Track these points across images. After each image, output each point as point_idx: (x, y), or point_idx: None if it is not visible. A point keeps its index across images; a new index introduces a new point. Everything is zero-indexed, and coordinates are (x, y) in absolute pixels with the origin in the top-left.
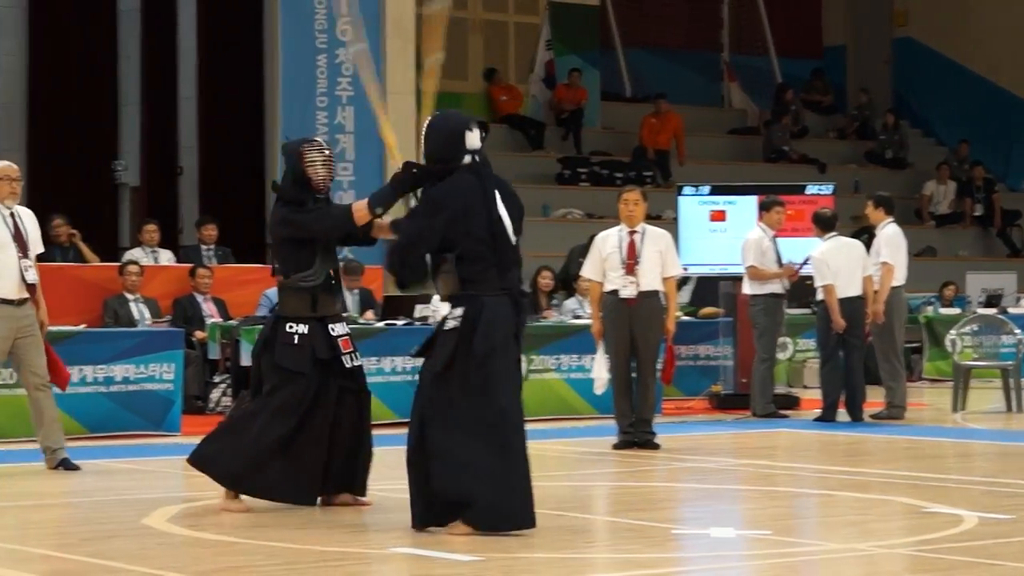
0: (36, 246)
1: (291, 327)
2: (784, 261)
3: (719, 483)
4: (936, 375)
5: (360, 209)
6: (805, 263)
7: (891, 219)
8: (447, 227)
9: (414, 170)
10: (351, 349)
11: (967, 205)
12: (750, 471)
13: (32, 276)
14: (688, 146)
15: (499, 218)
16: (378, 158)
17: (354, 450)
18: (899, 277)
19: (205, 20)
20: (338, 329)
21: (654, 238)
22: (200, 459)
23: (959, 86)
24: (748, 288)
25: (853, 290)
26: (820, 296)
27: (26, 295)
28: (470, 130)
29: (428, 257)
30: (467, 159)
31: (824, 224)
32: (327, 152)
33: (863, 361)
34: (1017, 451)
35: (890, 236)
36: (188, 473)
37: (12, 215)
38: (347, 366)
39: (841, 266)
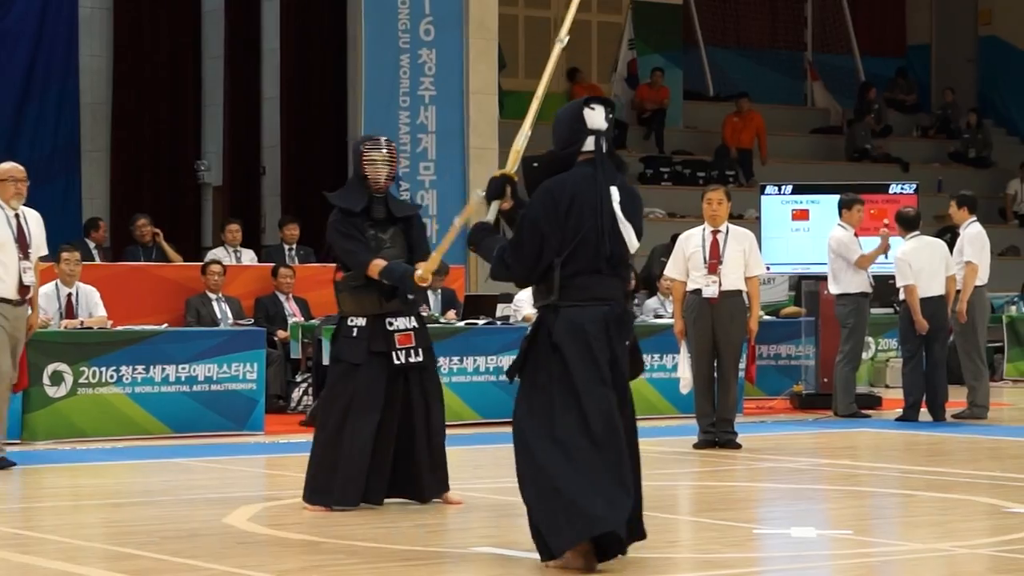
0: (39, 249)
1: (351, 321)
2: None
3: (800, 483)
4: (1018, 375)
5: (374, 267)
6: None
7: (974, 218)
8: (556, 223)
9: (535, 164)
10: (410, 345)
11: None
12: (831, 471)
13: (29, 278)
14: (770, 145)
15: (610, 218)
16: (459, 157)
17: (411, 451)
18: (982, 276)
19: (288, 20)
20: (398, 324)
21: (737, 237)
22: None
23: None
24: (835, 287)
25: (935, 290)
26: (902, 296)
27: (26, 296)
28: (590, 108)
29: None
30: (590, 143)
31: (907, 223)
32: (385, 151)
33: (946, 361)
34: None
35: (974, 236)
36: (271, 472)
37: (17, 216)
38: (396, 362)
39: (923, 266)
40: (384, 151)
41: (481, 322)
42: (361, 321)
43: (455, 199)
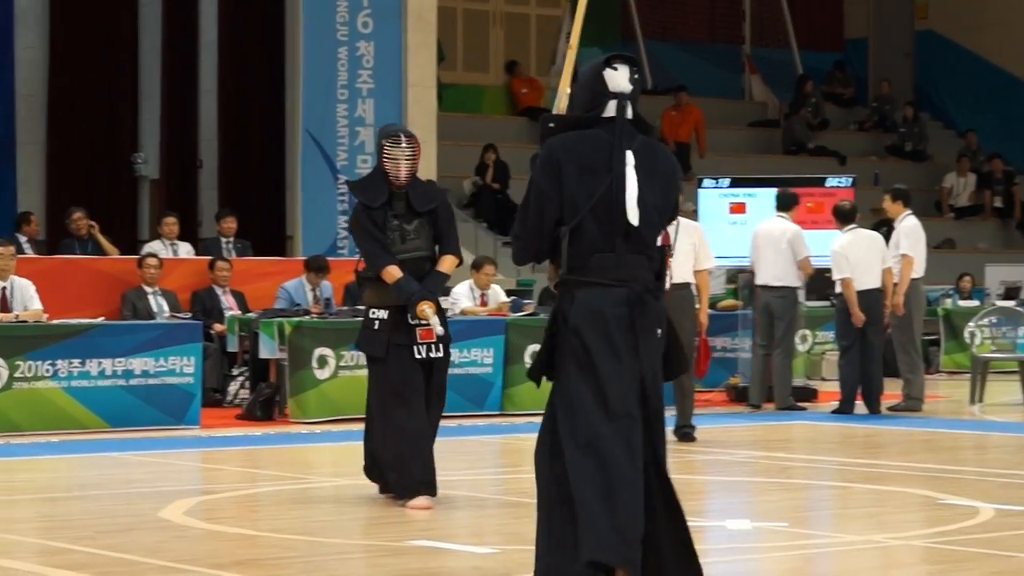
0: None
1: (373, 313)
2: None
3: (736, 475)
4: (954, 367)
5: (388, 275)
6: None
7: (909, 212)
8: (562, 187)
9: (551, 124)
10: (431, 340)
11: (986, 197)
12: (767, 463)
13: None
14: (708, 138)
15: (621, 187)
16: None
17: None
18: (918, 269)
19: (225, 13)
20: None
21: (687, 230)
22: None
23: (980, 79)
24: (775, 280)
25: (872, 282)
26: (839, 289)
27: None
28: (613, 68)
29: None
30: (611, 108)
31: (843, 217)
32: (404, 146)
33: (882, 353)
34: None
35: (910, 228)
36: (207, 466)
37: None
38: (417, 356)
39: (860, 259)
40: (405, 146)
41: None
42: (383, 313)
43: None
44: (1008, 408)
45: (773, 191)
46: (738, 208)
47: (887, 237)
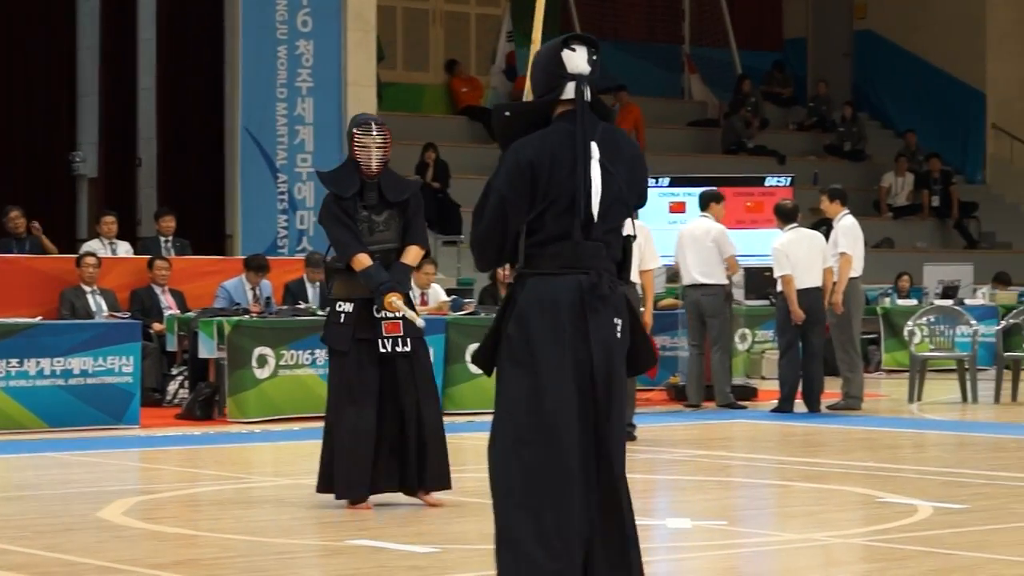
0: None
1: (339, 306)
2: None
3: (676, 474)
4: (895, 366)
5: (357, 263)
6: None
7: (847, 211)
8: (523, 191)
9: (506, 113)
10: (398, 333)
11: (924, 197)
12: (707, 462)
13: None
14: (648, 138)
15: (585, 181)
16: (337, 149)
17: (403, 446)
18: (857, 268)
19: (164, 10)
20: (386, 312)
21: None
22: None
23: (917, 79)
24: (705, 279)
25: (812, 281)
26: (779, 287)
27: None
28: (570, 49)
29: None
30: (570, 90)
31: (785, 216)
32: (375, 134)
33: (822, 352)
34: (972, 442)
35: (848, 227)
36: (146, 466)
37: None
38: (381, 350)
39: (800, 257)
40: (375, 135)
41: None
42: (348, 307)
43: None
44: (946, 407)
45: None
46: (678, 207)
47: (826, 236)
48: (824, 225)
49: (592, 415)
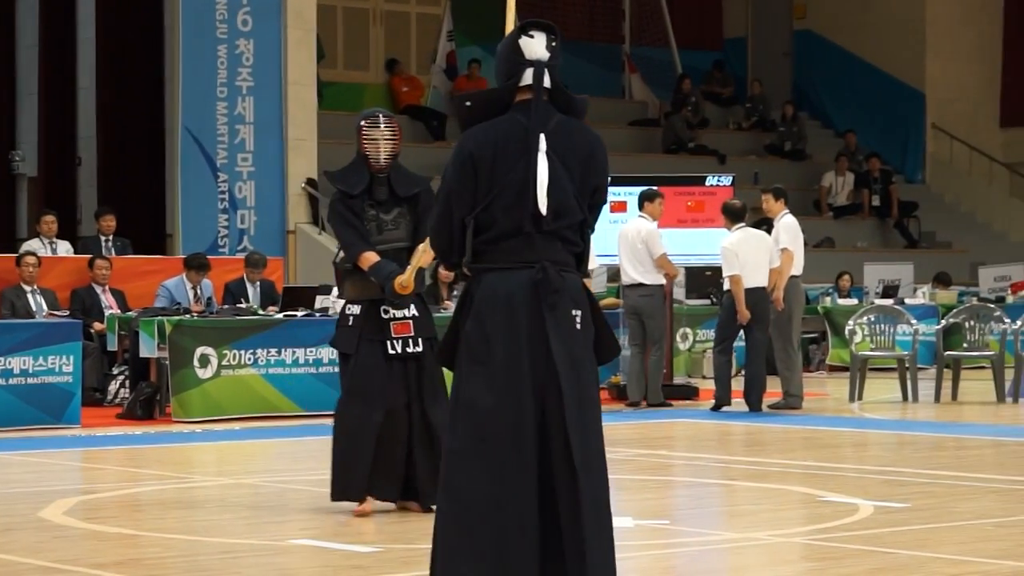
0: None
1: (349, 309)
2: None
3: (617, 473)
4: (839, 362)
5: (364, 261)
6: None
7: (787, 210)
8: (476, 184)
9: (467, 103)
10: (408, 334)
11: (864, 196)
12: (649, 461)
13: None
14: None
15: (532, 173)
16: (278, 148)
17: (411, 453)
18: (797, 267)
19: (104, 10)
20: (395, 312)
21: None
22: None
23: (857, 78)
24: (640, 278)
25: (759, 281)
26: (727, 286)
27: None
28: (528, 35)
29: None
30: (528, 76)
31: (734, 215)
32: (383, 127)
33: (765, 352)
34: (913, 440)
35: (788, 225)
36: (87, 465)
37: None
38: (391, 351)
39: (748, 257)
40: (383, 128)
41: (300, 314)
42: (357, 309)
43: (273, 190)
44: (887, 406)
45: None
46: (619, 207)
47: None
48: (764, 224)
49: (556, 409)
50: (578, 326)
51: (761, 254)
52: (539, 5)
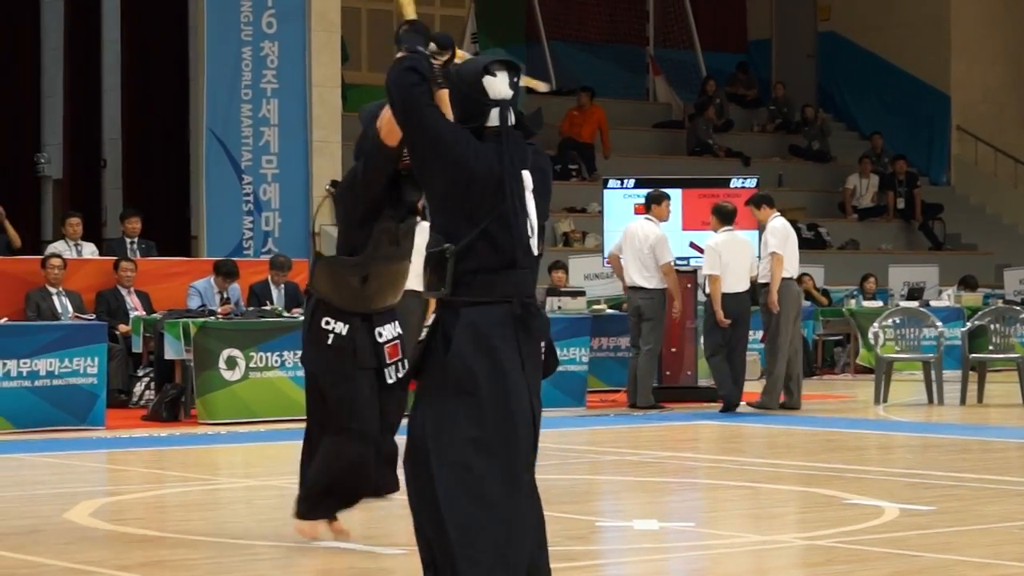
0: None
1: (327, 324)
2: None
3: (642, 475)
4: (868, 364)
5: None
6: None
7: (777, 213)
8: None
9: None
10: (398, 357)
11: (889, 198)
12: (674, 463)
13: None
14: (613, 139)
15: (517, 201)
16: (302, 150)
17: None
18: (790, 269)
19: (129, 11)
20: (386, 333)
21: None
22: None
23: (882, 80)
24: (643, 281)
25: (742, 285)
26: (706, 287)
27: None
28: (492, 75)
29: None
30: (494, 118)
31: (724, 216)
32: None
33: (745, 355)
34: (938, 443)
35: (777, 228)
36: (112, 467)
37: None
38: (388, 380)
39: (730, 260)
40: None
41: None
42: (341, 327)
43: (298, 192)
44: (912, 408)
45: (678, 191)
46: (642, 209)
47: None
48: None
49: (530, 442)
50: (541, 357)
51: (744, 259)
52: (562, 8)
